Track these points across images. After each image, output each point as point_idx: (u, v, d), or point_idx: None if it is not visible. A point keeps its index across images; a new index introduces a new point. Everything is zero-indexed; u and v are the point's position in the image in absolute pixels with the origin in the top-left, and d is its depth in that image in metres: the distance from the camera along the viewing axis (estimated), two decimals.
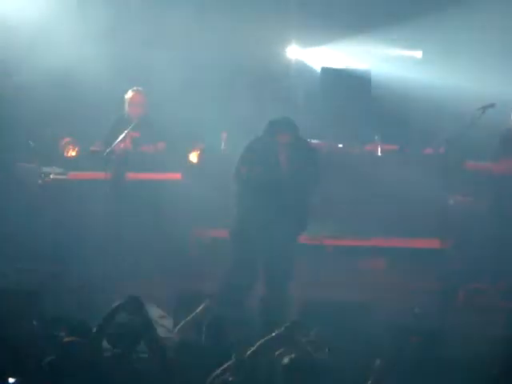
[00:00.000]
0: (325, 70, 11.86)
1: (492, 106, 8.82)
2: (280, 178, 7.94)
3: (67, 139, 10.30)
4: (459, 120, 9.17)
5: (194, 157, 10.63)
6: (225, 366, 5.51)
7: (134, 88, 9.72)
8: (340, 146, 11.04)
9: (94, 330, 5.73)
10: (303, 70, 11.98)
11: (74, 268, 9.23)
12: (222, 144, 11.00)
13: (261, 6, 11.24)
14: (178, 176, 9.72)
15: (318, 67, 11.99)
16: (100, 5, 10.87)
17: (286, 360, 5.27)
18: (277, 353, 5.49)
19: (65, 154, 10.25)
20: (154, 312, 7.27)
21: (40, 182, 9.73)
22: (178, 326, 6.85)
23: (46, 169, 9.85)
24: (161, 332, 6.37)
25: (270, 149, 8.00)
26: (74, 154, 10.28)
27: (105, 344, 5.71)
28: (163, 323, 7.30)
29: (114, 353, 5.64)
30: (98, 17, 10.74)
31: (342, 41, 11.70)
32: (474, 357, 6.10)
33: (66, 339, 5.62)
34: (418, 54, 12.10)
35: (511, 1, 10.88)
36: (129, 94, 9.70)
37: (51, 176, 9.77)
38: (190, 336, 6.40)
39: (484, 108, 8.77)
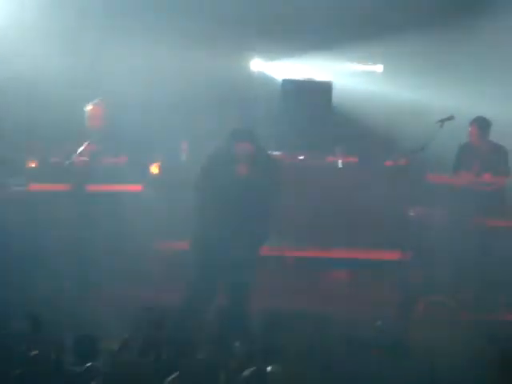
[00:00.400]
0: (286, 82, 11.90)
1: (451, 118, 8.93)
2: (240, 188, 7.91)
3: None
4: (420, 133, 9.25)
5: (155, 168, 10.61)
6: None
7: (94, 101, 9.66)
8: (301, 157, 11.07)
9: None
10: (265, 83, 11.99)
11: (33, 280, 9.19)
12: (183, 155, 10.99)
13: (225, 18, 11.22)
14: (138, 188, 9.68)
15: (280, 79, 12.03)
16: (63, 14, 10.78)
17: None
18: None
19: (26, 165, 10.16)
20: None
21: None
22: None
23: (6, 180, 9.76)
24: None
25: (231, 159, 7.99)
26: (33, 165, 10.19)
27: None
28: None
29: None
30: (63, 27, 10.67)
31: (303, 55, 11.73)
32: (435, 369, 6.13)
33: (32, 353, 5.58)
34: (379, 68, 12.18)
35: (467, 14, 10.97)
36: (89, 107, 9.62)
37: (12, 188, 9.68)
38: None
39: (443, 121, 8.87)
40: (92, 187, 9.43)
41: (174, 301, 7.95)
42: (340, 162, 10.93)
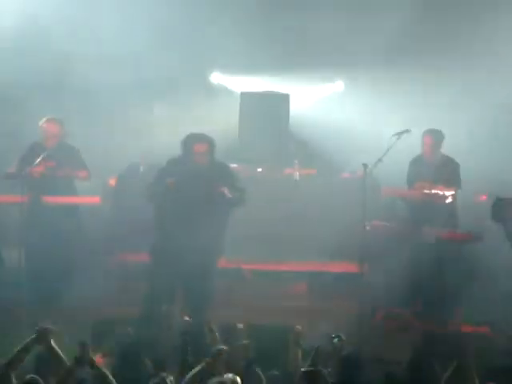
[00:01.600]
0: (244, 94, 11.93)
1: (407, 131, 8.99)
2: (195, 196, 7.91)
3: None
4: (376, 145, 9.32)
5: (113, 180, 10.58)
6: None
7: (49, 116, 9.53)
8: (259, 169, 11.09)
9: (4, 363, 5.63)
10: (224, 95, 12.00)
11: None
12: (141, 168, 10.97)
13: (189, 31, 11.21)
14: (96, 200, 9.63)
15: (239, 93, 12.05)
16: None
17: None
18: None
19: None
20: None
21: None
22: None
23: None
24: None
25: (186, 163, 7.99)
26: None
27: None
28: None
29: None
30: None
31: (263, 71, 11.74)
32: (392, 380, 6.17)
33: None
34: (340, 85, 12.25)
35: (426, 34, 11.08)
36: (43, 122, 9.49)
37: None
38: None
39: (399, 134, 8.94)
40: (49, 199, 9.36)
41: (132, 313, 7.90)
42: (297, 174, 10.97)
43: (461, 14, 11.06)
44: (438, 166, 9.36)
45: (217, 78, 11.97)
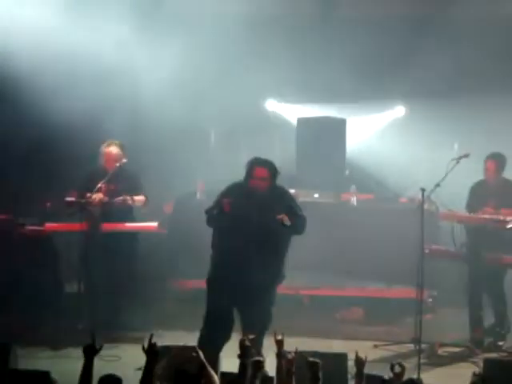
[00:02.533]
0: (300, 120, 11.92)
1: (466, 156, 8.91)
2: (253, 221, 7.83)
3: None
4: (434, 170, 9.26)
5: (170, 207, 10.64)
6: None
7: (110, 140, 9.70)
8: (316, 195, 11.06)
9: None
10: (280, 123, 11.98)
11: (48, 320, 9.19)
12: (198, 194, 11.01)
13: (243, 60, 11.23)
14: (153, 227, 9.68)
15: (294, 120, 12.01)
16: None
17: None
18: None
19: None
20: None
21: (15, 233, 9.65)
22: None
23: (21, 219, 9.78)
24: None
25: (246, 189, 7.93)
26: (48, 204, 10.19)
27: None
28: None
29: None
30: None
31: (317, 101, 11.67)
32: None
33: None
34: (401, 110, 12.14)
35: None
36: (104, 146, 9.65)
37: (26, 227, 9.68)
38: None
39: (458, 158, 8.86)
40: (107, 226, 9.45)
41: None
42: (354, 199, 10.92)
43: None
44: (500, 190, 9.25)
45: (272, 105, 11.90)
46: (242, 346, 6.14)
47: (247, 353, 6.10)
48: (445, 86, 10.89)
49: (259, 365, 5.95)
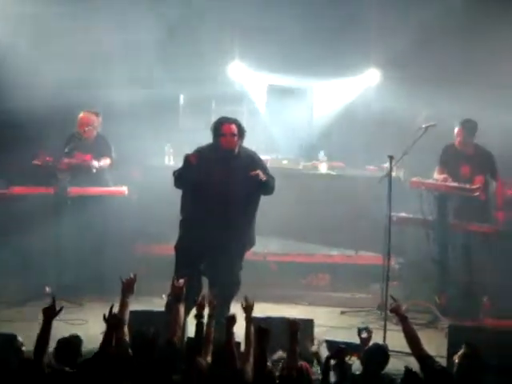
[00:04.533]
0: (270, 88, 11.84)
1: (433, 125, 8.95)
2: (226, 183, 7.78)
3: None
4: (402, 138, 9.29)
5: (138, 171, 10.59)
6: None
7: (87, 109, 9.72)
8: (284, 162, 11.05)
9: None
10: (245, 90, 11.85)
11: (14, 283, 9.17)
12: (166, 158, 10.96)
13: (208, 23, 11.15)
14: (123, 191, 9.66)
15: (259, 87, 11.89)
16: None
17: None
18: None
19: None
20: None
21: None
22: None
23: None
24: None
25: (217, 148, 7.86)
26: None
27: None
28: None
29: None
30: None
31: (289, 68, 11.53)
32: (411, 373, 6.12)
33: None
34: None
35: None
36: (81, 114, 9.71)
37: None
38: None
39: (426, 127, 8.90)
40: (75, 190, 9.43)
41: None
42: (324, 165, 10.92)
43: None
44: (472, 156, 9.31)
45: (236, 70, 11.72)
46: (198, 306, 6.23)
47: (202, 313, 6.26)
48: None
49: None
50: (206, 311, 6.47)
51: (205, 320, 6.33)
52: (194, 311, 6.55)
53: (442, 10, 10.46)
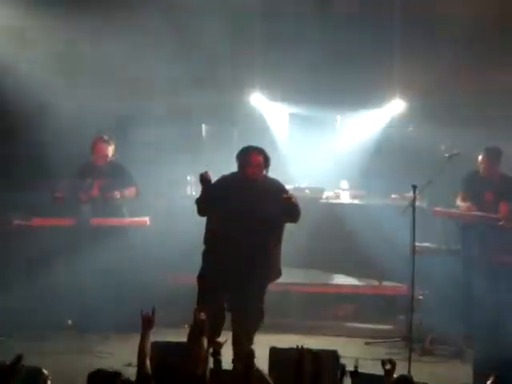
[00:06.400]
0: (292, 116, 11.84)
1: (457, 154, 8.90)
2: (251, 211, 7.67)
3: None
4: (426, 169, 9.25)
5: (161, 201, 10.59)
6: None
7: (99, 135, 9.72)
8: (307, 191, 11.00)
9: None
10: (266, 120, 11.84)
11: (37, 317, 9.14)
12: (188, 189, 10.96)
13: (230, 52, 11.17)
14: (145, 221, 9.65)
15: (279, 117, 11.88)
16: None
17: None
18: None
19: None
20: None
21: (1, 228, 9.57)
22: None
23: (7, 215, 9.71)
24: None
25: (240, 178, 7.82)
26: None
27: None
28: None
29: None
30: None
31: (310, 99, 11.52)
32: None
33: None
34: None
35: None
36: (94, 141, 9.71)
37: (14, 222, 9.62)
38: None
39: (449, 156, 8.85)
40: (97, 221, 9.44)
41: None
42: (346, 194, 10.89)
43: None
44: (498, 184, 9.23)
45: (258, 101, 11.71)
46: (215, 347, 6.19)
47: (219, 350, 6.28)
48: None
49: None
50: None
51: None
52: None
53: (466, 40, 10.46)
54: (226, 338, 6.66)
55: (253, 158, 7.77)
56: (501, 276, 8.99)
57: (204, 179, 7.78)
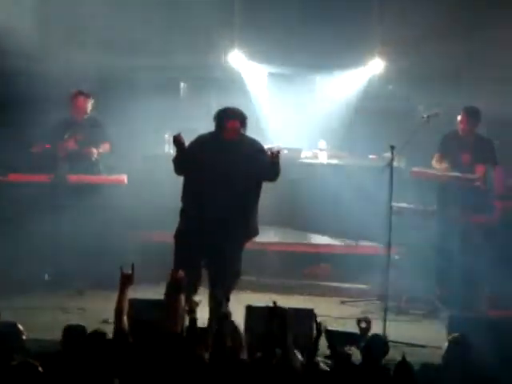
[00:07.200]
0: (271, 75, 11.78)
1: (437, 114, 8.90)
2: (228, 172, 7.67)
3: None
4: (404, 129, 9.25)
5: (138, 160, 10.55)
6: None
7: (78, 90, 9.67)
8: (285, 151, 10.97)
9: None
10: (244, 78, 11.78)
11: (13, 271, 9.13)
12: (166, 146, 10.91)
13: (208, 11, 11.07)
14: (122, 179, 9.62)
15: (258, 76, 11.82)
16: None
17: None
18: None
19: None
20: None
21: None
22: None
23: None
24: None
25: (217, 139, 7.79)
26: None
27: None
28: None
29: None
30: None
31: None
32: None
33: None
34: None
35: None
36: (73, 95, 9.67)
37: None
38: None
39: (429, 116, 8.85)
40: (74, 178, 9.41)
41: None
42: (324, 154, 10.89)
43: None
44: (473, 144, 9.27)
45: (237, 59, 11.63)
46: (190, 306, 6.19)
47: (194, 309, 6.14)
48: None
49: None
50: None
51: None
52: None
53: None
54: (201, 297, 6.65)
55: (229, 124, 7.75)
56: (475, 236, 9.04)
57: (177, 142, 7.74)
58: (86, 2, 10.60)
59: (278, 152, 7.69)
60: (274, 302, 5.95)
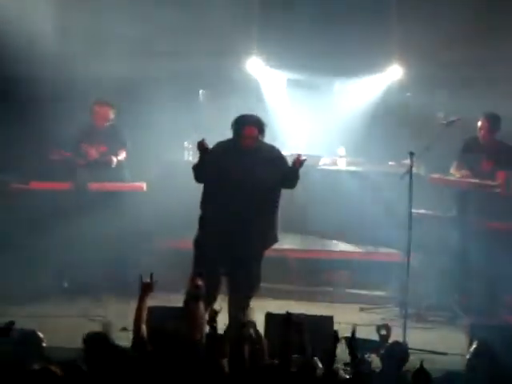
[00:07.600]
0: (290, 82, 11.77)
1: (457, 120, 8.86)
2: (246, 179, 7.67)
3: None
4: (424, 134, 9.22)
5: (157, 168, 10.58)
6: None
7: (99, 99, 9.72)
8: (304, 157, 10.95)
9: None
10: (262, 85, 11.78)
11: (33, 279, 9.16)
12: (186, 154, 10.93)
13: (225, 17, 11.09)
14: (141, 187, 9.65)
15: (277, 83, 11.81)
16: None
17: None
18: None
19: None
20: None
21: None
22: None
23: (4, 177, 9.70)
24: None
25: (235, 146, 7.80)
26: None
27: None
28: None
29: None
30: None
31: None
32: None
33: None
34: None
35: None
36: (94, 105, 9.75)
37: (11, 185, 9.61)
38: None
39: (448, 123, 8.81)
40: (95, 185, 9.45)
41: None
42: (343, 161, 10.88)
43: None
44: (494, 151, 9.22)
45: (255, 66, 11.62)
46: (210, 314, 6.19)
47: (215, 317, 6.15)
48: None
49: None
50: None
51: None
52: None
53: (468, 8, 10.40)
54: (221, 306, 6.65)
55: (246, 131, 7.75)
56: (496, 243, 8.99)
57: (201, 147, 7.76)
58: (106, 11, 10.60)
59: (304, 160, 7.69)
60: (288, 312, 5.95)
